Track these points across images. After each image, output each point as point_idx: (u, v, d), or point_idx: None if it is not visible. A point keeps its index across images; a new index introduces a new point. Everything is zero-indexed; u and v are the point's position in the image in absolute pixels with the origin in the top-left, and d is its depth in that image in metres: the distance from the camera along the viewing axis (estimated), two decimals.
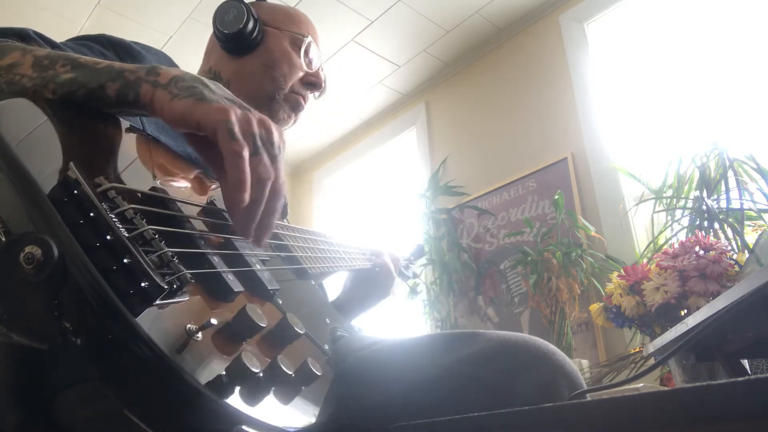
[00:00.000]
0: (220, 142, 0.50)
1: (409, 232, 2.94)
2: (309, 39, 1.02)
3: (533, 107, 2.67)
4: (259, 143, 0.53)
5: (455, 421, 0.44)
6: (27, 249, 0.38)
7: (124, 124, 0.59)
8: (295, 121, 1.07)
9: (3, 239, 0.40)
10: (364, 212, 3.60)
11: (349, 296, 1.11)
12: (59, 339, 0.38)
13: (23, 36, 0.66)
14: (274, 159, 0.54)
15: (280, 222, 0.78)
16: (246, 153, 0.50)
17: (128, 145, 0.57)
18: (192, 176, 0.65)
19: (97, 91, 0.53)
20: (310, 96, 1.06)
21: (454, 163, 2.98)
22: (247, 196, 0.50)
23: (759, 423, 0.30)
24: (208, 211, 0.59)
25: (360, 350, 0.78)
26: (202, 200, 0.62)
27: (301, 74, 1.02)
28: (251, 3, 1.03)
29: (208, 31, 1.03)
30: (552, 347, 0.68)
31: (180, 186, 0.61)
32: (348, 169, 3.76)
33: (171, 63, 0.94)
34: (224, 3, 0.98)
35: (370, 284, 1.11)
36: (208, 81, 0.56)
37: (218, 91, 0.55)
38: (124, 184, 0.50)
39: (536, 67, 2.72)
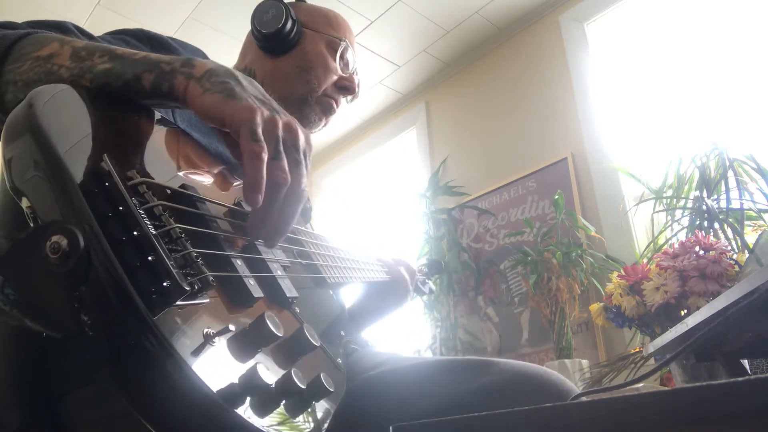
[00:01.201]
0: (242, 141, 0.50)
1: (409, 232, 2.94)
2: (345, 43, 1.02)
3: (533, 107, 2.67)
4: (281, 147, 0.52)
5: (455, 421, 0.44)
6: (54, 238, 0.37)
7: (156, 116, 0.59)
8: (325, 124, 1.07)
9: (31, 224, 0.39)
10: (364, 212, 3.59)
11: (362, 306, 1.10)
12: (75, 330, 0.37)
13: (62, 28, 0.67)
14: (297, 164, 0.53)
15: (301, 227, 0.78)
16: (265, 155, 0.50)
17: (158, 136, 0.57)
18: (216, 171, 0.64)
19: (132, 82, 0.53)
20: (343, 99, 1.06)
21: (454, 163, 2.98)
22: (260, 198, 0.49)
23: (759, 423, 0.30)
24: (235, 212, 0.59)
25: (369, 370, 0.77)
26: (224, 196, 0.61)
27: (335, 78, 1.02)
28: (290, 3, 1.02)
29: (209, 31, 1.03)
30: (568, 384, 0.67)
31: (203, 180, 0.61)
32: (348, 169, 3.76)
33: (206, 59, 0.93)
34: (264, 2, 0.98)
35: (385, 296, 1.10)
36: (242, 77, 0.55)
37: (250, 88, 0.55)
38: (152, 177, 0.49)
39: (536, 67, 2.72)
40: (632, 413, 0.35)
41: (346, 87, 1.03)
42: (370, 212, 3.55)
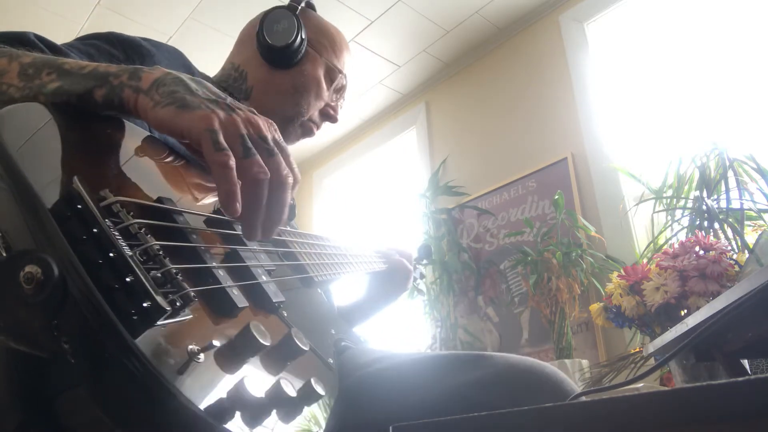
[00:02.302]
0: (205, 154, 0.49)
1: (409, 232, 2.94)
2: (342, 76, 1.02)
3: (533, 107, 2.67)
4: (249, 144, 0.51)
5: (455, 421, 0.44)
6: (27, 268, 0.37)
7: (128, 126, 0.58)
8: (298, 141, 1.08)
9: (3, 254, 0.39)
10: (364, 212, 3.59)
11: (366, 297, 1.12)
12: (60, 352, 0.37)
13: (23, 40, 0.65)
14: (269, 154, 0.52)
15: (284, 228, 0.77)
16: (232, 162, 0.49)
17: (132, 148, 0.56)
18: (195, 177, 0.63)
19: (85, 97, 0.52)
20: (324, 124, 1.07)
21: (454, 163, 2.98)
22: (238, 206, 0.48)
23: (759, 423, 0.30)
24: (215, 220, 0.58)
25: (364, 367, 0.77)
26: (205, 203, 0.60)
27: (322, 105, 1.02)
28: (302, 11, 1.00)
29: (209, 31, 1.02)
30: (561, 375, 0.67)
31: (181, 189, 0.59)
32: (348, 169, 3.76)
33: (183, 60, 0.92)
34: (278, 10, 0.95)
35: (386, 283, 1.13)
36: (190, 80, 0.54)
37: (200, 91, 0.53)
38: (127, 194, 0.48)
39: (536, 67, 2.72)
40: (632, 413, 0.35)
41: (329, 115, 1.04)
42: (370, 212, 3.55)
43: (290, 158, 0.55)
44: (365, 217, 3.56)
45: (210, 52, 2.51)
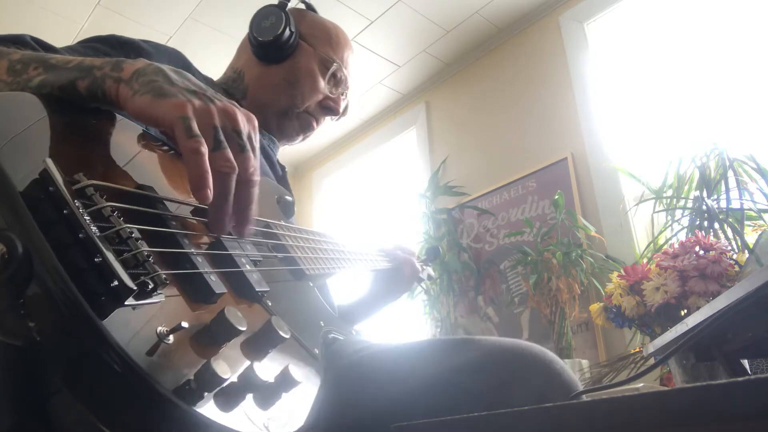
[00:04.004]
0: (177, 139, 0.49)
1: (409, 232, 2.94)
2: (337, 65, 1.02)
3: (533, 107, 2.67)
4: (221, 136, 0.51)
5: (455, 421, 0.44)
6: None
7: (126, 122, 0.58)
8: (303, 139, 1.07)
9: None
10: (364, 212, 3.59)
11: (370, 293, 1.13)
12: (30, 338, 0.37)
13: (19, 42, 0.66)
14: (241, 149, 0.52)
15: (281, 222, 0.77)
16: (204, 149, 0.49)
17: (119, 139, 0.56)
18: (182, 169, 0.64)
19: (68, 89, 0.53)
20: (328, 118, 1.07)
21: (454, 163, 2.98)
22: (209, 193, 0.48)
23: (759, 423, 0.30)
24: (199, 209, 0.58)
25: (354, 353, 0.78)
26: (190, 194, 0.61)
27: (320, 97, 1.02)
28: (298, 10, 1.01)
29: (208, 31, 1.03)
30: (550, 356, 0.67)
31: (167, 180, 0.60)
32: (348, 169, 3.76)
33: (184, 61, 0.93)
34: (266, 7, 0.97)
35: (391, 281, 1.13)
36: (172, 71, 0.54)
37: (180, 81, 0.53)
38: (109, 180, 0.48)
39: (536, 67, 2.72)
40: (632, 413, 0.35)
41: (329, 108, 1.04)
42: (370, 212, 3.55)
43: (257, 158, 0.55)
44: (365, 217, 3.56)
45: (210, 52, 2.51)
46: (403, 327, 2.81)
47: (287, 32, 0.96)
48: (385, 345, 0.80)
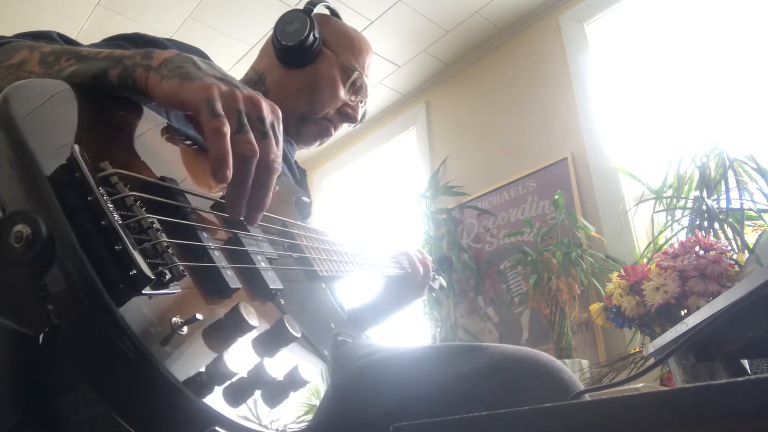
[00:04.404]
0: (201, 119, 0.50)
1: (409, 233, 2.94)
2: (358, 73, 1.03)
3: (533, 107, 2.67)
4: (244, 120, 0.51)
5: (455, 421, 0.44)
6: (17, 227, 0.38)
7: (152, 115, 0.59)
8: (320, 144, 1.08)
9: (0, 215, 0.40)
10: (364, 212, 3.59)
11: (381, 300, 1.11)
12: (45, 325, 0.38)
13: (46, 37, 0.67)
14: (263, 135, 0.53)
15: (297, 222, 0.78)
16: (226, 129, 0.49)
17: (147, 132, 0.57)
18: (206, 164, 0.64)
19: (100, 77, 0.54)
20: (345, 125, 1.07)
21: (454, 163, 2.98)
22: (228, 173, 0.49)
23: (759, 423, 0.30)
24: (219, 205, 0.58)
25: (362, 358, 0.78)
26: (214, 189, 0.61)
27: (339, 104, 1.02)
28: (322, 15, 1.02)
29: (209, 31, 1.03)
30: (557, 364, 0.67)
31: (192, 174, 0.60)
32: (348, 168, 3.76)
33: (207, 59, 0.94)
34: (292, 11, 0.98)
35: (404, 287, 1.12)
36: (199, 59, 0.55)
37: (207, 68, 0.54)
38: (134, 170, 0.49)
39: (536, 67, 2.72)
40: (632, 413, 0.35)
41: (348, 115, 1.04)
42: (370, 212, 3.55)
43: (280, 148, 0.55)
44: (365, 217, 3.56)
45: (210, 52, 2.51)
46: (403, 327, 2.81)
47: (311, 38, 0.96)
48: (393, 351, 0.80)
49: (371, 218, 3.52)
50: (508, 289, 2.53)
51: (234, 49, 2.83)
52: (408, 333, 2.80)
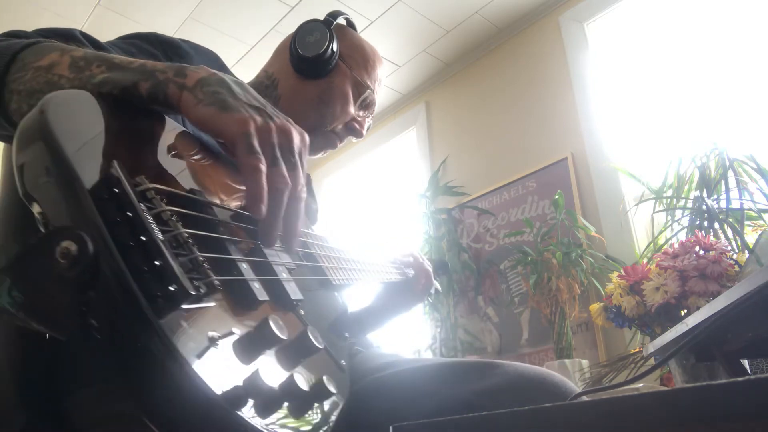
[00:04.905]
0: (238, 155, 0.51)
1: (409, 233, 2.94)
2: (370, 91, 1.04)
3: (533, 107, 2.67)
4: (278, 153, 0.53)
5: (455, 421, 0.44)
6: (64, 244, 0.38)
7: (167, 121, 0.59)
8: (323, 155, 1.09)
9: (42, 230, 0.40)
10: (364, 212, 3.59)
11: (383, 305, 1.11)
12: (80, 333, 0.38)
13: (68, 37, 0.67)
14: (293, 167, 0.54)
15: (306, 230, 0.78)
16: (263, 167, 0.51)
17: (170, 141, 0.58)
18: (225, 174, 0.65)
19: (131, 89, 0.54)
20: (347, 138, 1.08)
21: (454, 163, 2.99)
22: (264, 209, 0.50)
23: (759, 423, 0.30)
24: (243, 215, 0.59)
25: (375, 371, 0.78)
26: (234, 198, 0.62)
27: (348, 119, 1.03)
28: (339, 27, 1.02)
29: (209, 31, 1.03)
30: (570, 386, 0.68)
31: (213, 184, 0.61)
32: (348, 168, 3.76)
33: (220, 63, 0.94)
34: (312, 22, 0.98)
35: (406, 292, 1.12)
36: (234, 83, 0.56)
37: (242, 95, 0.55)
38: (162, 183, 0.49)
39: (536, 67, 2.72)
40: (632, 413, 0.35)
41: (354, 129, 1.05)
42: (370, 212, 3.55)
43: (304, 174, 0.57)
44: (365, 217, 3.56)
45: None
46: (403, 327, 2.81)
47: (329, 52, 0.96)
48: (406, 366, 0.81)
49: (371, 218, 3.52)
50: (508, 289, 2.53)
51: (234, 49, 2.83)
52: (408, 333, 2.80)
